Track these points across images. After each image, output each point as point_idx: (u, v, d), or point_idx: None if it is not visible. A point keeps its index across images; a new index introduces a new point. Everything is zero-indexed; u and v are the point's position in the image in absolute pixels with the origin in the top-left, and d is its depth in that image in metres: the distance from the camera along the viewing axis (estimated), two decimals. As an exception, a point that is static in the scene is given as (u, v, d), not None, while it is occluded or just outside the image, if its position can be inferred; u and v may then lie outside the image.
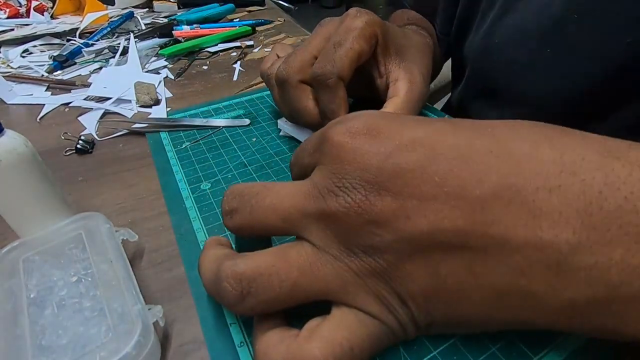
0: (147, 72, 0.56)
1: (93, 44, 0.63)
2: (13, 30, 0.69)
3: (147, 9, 0.84)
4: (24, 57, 0.62)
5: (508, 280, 0.15)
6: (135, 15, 0.72)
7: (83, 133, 0.41)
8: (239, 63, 0.59)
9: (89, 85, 0.52)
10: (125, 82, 0.51)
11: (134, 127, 0.41)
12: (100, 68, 0.57)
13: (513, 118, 0.18)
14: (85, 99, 0.48)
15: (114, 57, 0.60)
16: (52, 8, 0.78)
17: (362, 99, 0.39)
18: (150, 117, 0.44)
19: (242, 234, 0.20)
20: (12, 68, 0.58)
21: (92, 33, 0.66)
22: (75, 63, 0.59)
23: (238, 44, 0.65)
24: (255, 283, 0.17)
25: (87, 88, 0.51)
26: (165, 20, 0.76)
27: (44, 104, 0.48)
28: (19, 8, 0.79)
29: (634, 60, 0.28)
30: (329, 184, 0.17)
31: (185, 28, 0.70)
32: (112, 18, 0.73)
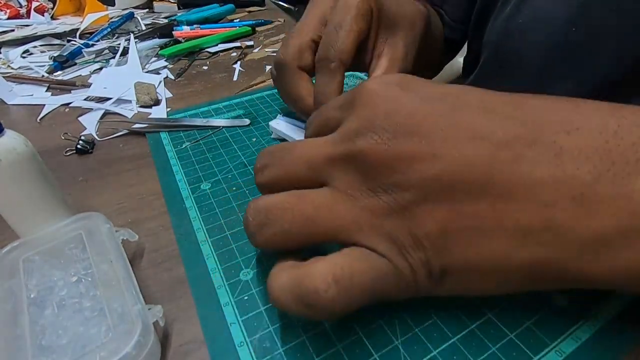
0: (147, 72, 0.56)
1: (93, 45, 0.63)
2: (13, 31, 0.69)
3: (147, 10, 0.84)
4: (25, 57, 0.62)
5: (532, 216, 0.15)
6: (136, 16, 0.72)
7: (83, 133, 0.41)
8: (239, 63, 0.59)
9: (89, 86, 0.52)
10: (126, 82, 0.51)
11: (134, 127, 0.41)
12: (101, 68, 0.57)
13: None
14: (86, 99, 0.48)
15: (114, 57, 0.60)
16: (52, 9, 0.79)
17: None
18: (150, 117, 0.44)
19: (272, 190, 0.21)
20: (12, 69, 0.58)
21: (92, 33, 0.66)
22: (76, 63, 0.59)
23: (238, 44, 0.65)
24: (271, 214, 0.19)
25: (87, 88, 0.51)
26: (166, 21, 0.76)
27: (44, 105, 0.48)
28: (20, 9, 0.79)
29: None
30: (358, 127, 0.18)
31: (186, 28, 0.70)
32: (112, 19, 0.74)
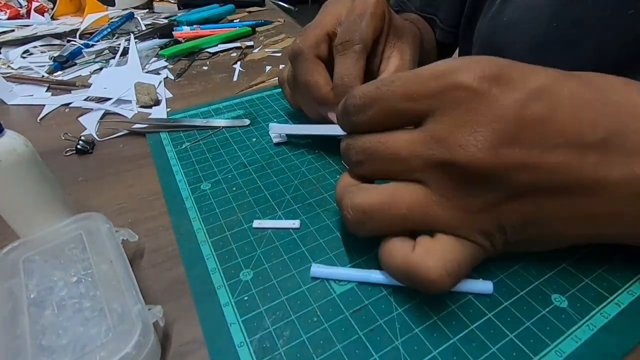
0: (147, 72, 0.56)
1: (93, 45, 0.63)
2: (14, 31, 0.69)
3: (147, 10, 0.84)
4: (25, 57, 0.62)
5: (601, 209, 0.19)
6: (136, 16, 0.72)
7: (83, 133, 0.41)
8: (239, 63, 0.59)
9: (89, 86, 0.52)
10: (126, 82, 0.51)
11: (134, 127, 0.41)
12: (101, 69, 0.57)
13: None
14: (86, 100, 0.48)
15: (114, 57, 0.60)
16: (52, 9, 0.79)
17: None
18: (151, 117, 0.44)
19: (367, 181, 0.23)
20: (12, 69, 0.58)
21: (92, 34, 0.66)
22: (76, 64, 0.59)
23: (238, 45, 0.65)
24: (367, 215, 0.21)
25: (87, 89, 0.51)
26: (166, 21, 0.76)
27: (44, 105, 0.48)
28: (20, 9, 0.79)
29: (637, 32, 0.28)
30: (454, 130, 0.18)
31: (186, 29, 0.70)
32: (112, 19, 0.74)
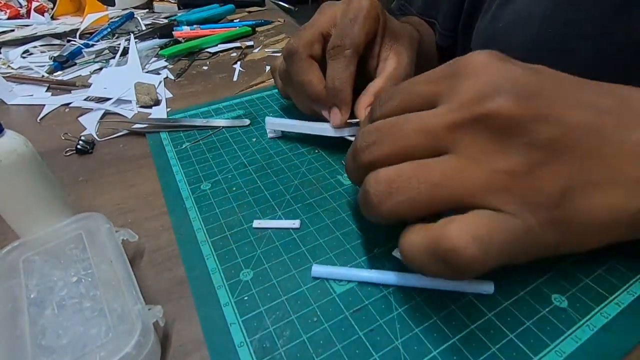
0: (147, 72, 0.56)
1: (93, 45, 0.63)
2: (13, 31, 0.69)
3: (147, 10, 0.84)
4: (25, 57, 0.62)
5: (629, 174, 0.18)
6: (136, 16, 0.72)
7: (83, 133, 0.41)
8: (239, 63, 0.59)
9: (89, 86, 0.52)
10: (126, 82, 0.51)
11: (134, 127, 0.41)
12: (101, 69, 0.57)
13: None
14: (86, 100, 0.48)
15: (114, 57, 0.60)
16: (52, 9, 0.79)
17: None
18: (151, 117, 0.44)
19: (380, 166, 0.20)
20: (12, 69, 0.58)
21: (92, 34, 0.66)
22: (76, 64, 0.59)
23: (238, 45, 0.65)
24: (396, 183, 0.19)
25: (87, 88, 0.51)
26: (166, 21, 0.76)
27: (44, 105, 0.48)
28: (20, 9, 0.79)
29: (630, 37, 0.29)
30: (480, 92, 0.18)
31: (186, 29, 0.70)
32: (112, 19, 0.74)
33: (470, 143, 0.18)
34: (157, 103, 0.47)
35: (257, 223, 0.28)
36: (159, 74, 0.55)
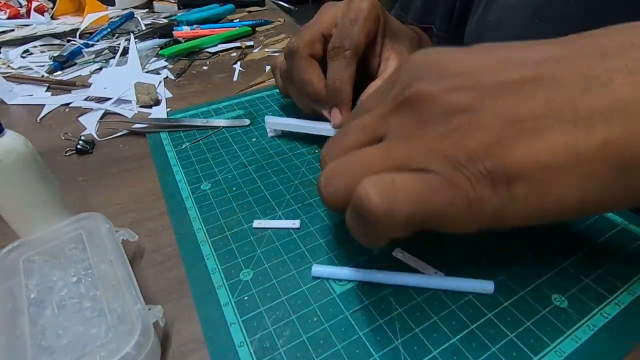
0: (147, 72, 0.56)
1: (93, 45, 0.63)
2: (13, 31, 0.69)
3: (147, 10, 0.84)
4: (24, 57, 0.62)
5: (593, 101, 0.17)
6: (136, 16, 0.72)
7: (83, 133, 0.41)
8: (239, 63, 0.59)
9: (89, 86, 0.52)
10: (126, 82, 0.51)
11: (134, 127, 0.41)
12: (101, 68, 0.57)
13: None
14: (86, 100, 0.48)
15: (114, 57, 0.60)
16: (52, 9, 0.79)
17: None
18: (150, 117, 0.44)
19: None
20: (12, 68, 0.58)
21: (92, 33, 0.66)
22: (76, 63, 0.59)
23: (238, 45, 0.65)
24: (333, 172, 0.20)
25: (87, 88, 0.51)
26: (166, 21, 0.76)
27: (44, 105, 0.48)
28: (20, 9, 0.79)
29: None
30: (405, 83, 0.20)
31: (186, 28, 0.70)
32: (112, 18, 0.74)
33: (397, 126, 0.20)
34: (157, 103, 0.47)
35: (257, 223, 0.28)
36: (159, 74, 0.55)
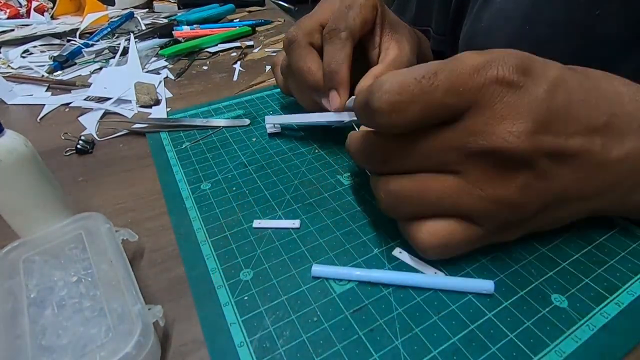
0: (147, 72, 0.56)
1: (93, 45, 0.63)
2: (13, 31, 0.70)
3: (147, 10, 0.84)
4: (24, 57, 0.62)
5: (603, 185, 0.22)
6: (136, 16, 0.72)
7: (83, 133, 0.41)
8: (239, 63, 0.59)
9: (89, 86, 0.52)
10: (126, 82, 0.51)
11: (134, 127, 0.41)
12: (101, 68, 0.57)
13: None
14: (86, 99, 0.48)
15: (114, 57, 0.60)
16: (52, 8, 0.79)
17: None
18: (150, 117, 0.44)
19: (391, 169, 0.23)
20: (12, 68, 0.58)
21: (92, 33, 0.66)
22: (76, 63, 0.59)
23: (238, 44, 0.65)
24: (400, 201, 0.23)
25: (87, 88, 0.51)
26: (166, 21, 0.76)
27: (44, 104, 0.48)
28: (20, 8, 0.79)
29: (604, 32, 0.30)
30: (499, 128, 0.19)
31: (186, 28, 0.70)
32: (112, 18, 0.74)
33: (477, 170, 0.20)
34: (157, 103, 0.47)
35: (257, 223, 0.28)
36: (159, 74, 0.55)
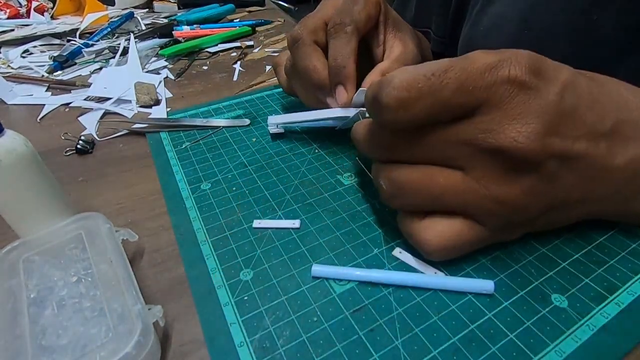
0: (147, 72, 0.56)
1: (93, 45, 0.63)
2: (13, 31, 0.70)
3: (147, 10, 0.84)
4: (24, 57, 0.62)
5: (605, 191, 0.22)
6: (136, 16, 0.72)
7: (83, 133, 0.41)
8: (239, 63, 0.59)
9: (89, 86, 0.52)
10: (126, 82, 0.51)
11: (134, 127, 0.41)
12: (101, 68, 0.57)
13: None
14: (86, 99, 0.48)
15: (114, 57, 0.60)
16: (52, 8, 0.79)
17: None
18: (150, 117, 0.44)
19: (395, 157, 0.23)
20: (12, 68, 0.58)
21: (92, 33, 0.66)
22: (76, 63, 0.59)
23: (238, 44, 0.65)
24: (403, 190, 0.22)
25: (87, 88, 0.51)
26: (166, 21, 0.76)
27: (44, 104, 0.48)
28: (20, 8, 0.79)
29: (601, 35, 0.30)
30: (510, 128, 0.19)
31: (186, 28, 0.70)
32: (112, 18, 0.74)
33: (484, 169, 0.20)
34: (157, 103, 0.47)
35: (257, 223, 0.28)
36: (159, 74, 0.55)
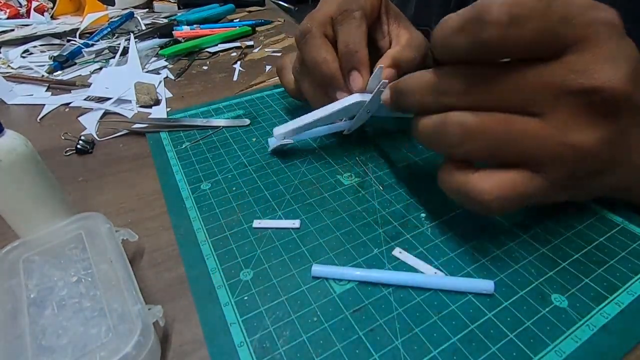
0: (147, 72, 0.56)
1: (93, 45, 0.63)
2: (13, 31, 0.70)
3: (147, 10, 0.84)
4: (24, 57, 0.62)
5: None
6: (136, 16, 0.72)
7: (83, 133, 0.41)
8: (239, 63, 0.59)
9: (89, 86, 0.52)
10: (126, 82, 0.51)
11: (134, 127, 0.41)
12: (101, 68, 0.57)
13: None
14: (86, 99, 0.48)
15: (114, 57, 0.60)
16: (52, 8, 0.79)
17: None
18: (151, 117, 0.44)
19: (465, 105, 0.21)
20: (12, 68, 0.58)
21: (92, 33, 0.66)
22: (76, 63, 0.59)
23: (238, 44, 0.65)
24: (474, 136, 0.20)
25: (87, 88, 0.51)
26: (166, 21, 0.76)
27: (44, 104, 0.48)
28: (19, 8, 0.79)
29: None
30: (604, 68, 0.18)
31: (186, 28, 0.70)
32: (112, 18, 0.74)
33: (561, 112, 0.19)
34: (157, 103, 0.47)
35: (257, 223, 0.28)
36: (159, 74, 0.55)
